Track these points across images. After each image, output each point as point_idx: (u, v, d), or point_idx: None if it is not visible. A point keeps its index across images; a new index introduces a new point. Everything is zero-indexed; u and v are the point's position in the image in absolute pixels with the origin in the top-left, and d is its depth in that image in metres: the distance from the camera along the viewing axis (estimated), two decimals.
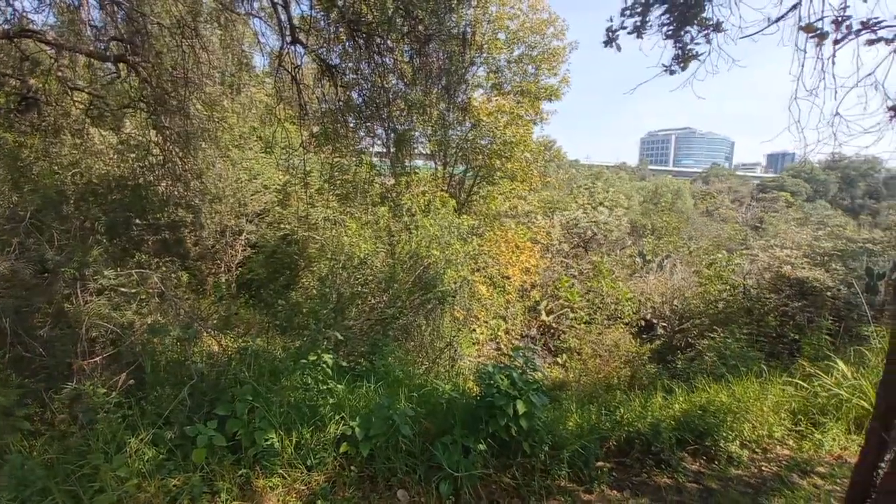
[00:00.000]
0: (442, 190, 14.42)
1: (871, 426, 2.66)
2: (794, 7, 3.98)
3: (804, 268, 9.08)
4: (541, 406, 3.45)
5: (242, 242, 11.42)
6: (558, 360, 12.54)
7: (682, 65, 4.49)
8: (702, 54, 4.38)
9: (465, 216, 12.06)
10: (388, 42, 6.76)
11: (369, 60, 7.09)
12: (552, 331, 14.14)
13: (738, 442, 3.67)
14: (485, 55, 15.72)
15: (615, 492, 3.25)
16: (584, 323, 12.37)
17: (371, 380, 4.39)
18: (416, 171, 15.08)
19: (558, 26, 15.37)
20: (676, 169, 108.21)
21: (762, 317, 8.36)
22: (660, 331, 11.71)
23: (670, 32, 4.31)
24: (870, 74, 3.87)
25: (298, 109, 6.16)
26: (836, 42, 3.82)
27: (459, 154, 16.13)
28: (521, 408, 3.28)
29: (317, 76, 6.86)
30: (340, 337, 4.84)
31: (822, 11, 3.80)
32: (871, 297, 7.94)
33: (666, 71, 4.56)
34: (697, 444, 3.69)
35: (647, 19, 4.28)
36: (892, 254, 9.88)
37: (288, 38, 5.46)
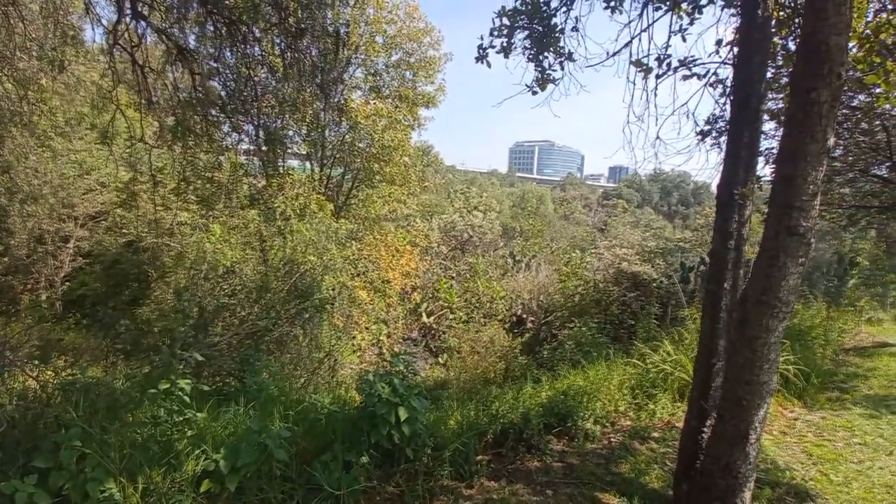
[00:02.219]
0: (318, 193, 13.79)
1: (690, 396, 3.27)
2: (627, 45, 4.69)
3: (636, 263, 10.80)
4: (422, 410, 3.50)
5: (71, 251, 9.42)
6: (439, 359, 12.91)
7: (541, 86, 4.99)
8: (558, 79, 4.92)
9: (343, 220, 11.72)
10: (256, 32, 6.24)
11: (233, 49, 6.46)
12: (433, 332, 14.52)
13: (592, 419, 4.19)
14: (362, 57, 15.53)
15: (493, 482, 3.45)
16: (463, 322, 12.95)
17: (241, 401, 3.98)
18: (291, 172, 14.19)
19: (434, 36, 15.89)
20: (540, 177, 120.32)
21: (608, 307, 9.71)
22: (529, 325, 12.83)
23: (531, 56, 4.75)
24: (684, 105, 4.73)
25: (140, 95, 5.30)
26: (658, 77, 4.62)
27: (337, 156, 15.65)
28: (402, 414, 3.29)
29: (168, 59, 6.01)
30: (200, 357, 4.28)
31: (649, 49, 4.55)
32: (685, 287, 9.81)
33: (529, 90, 5.02)
34: (561, 426, 4.12)
35: (513, 42, 4.66)
36: (699, 250, 12.33)
37: (127, 11, 4.68)
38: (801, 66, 2.51)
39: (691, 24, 4.50)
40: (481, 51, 4.68)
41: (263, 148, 12.83)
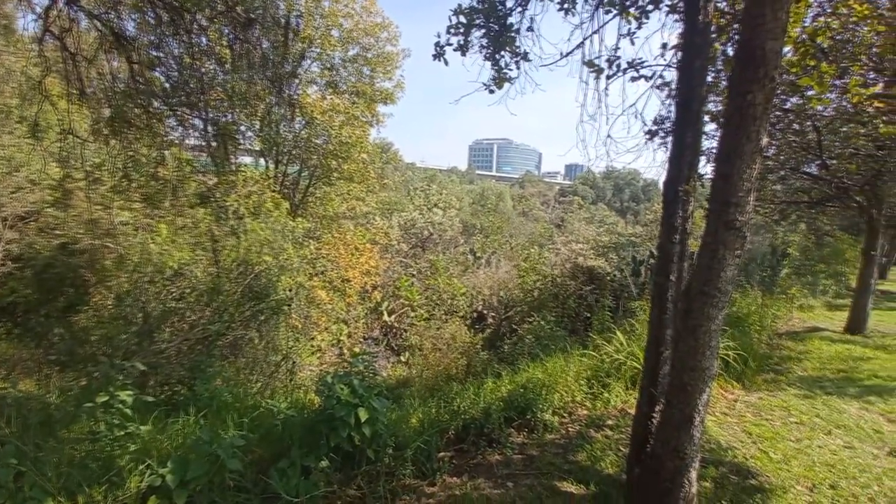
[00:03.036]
0: (274, 190, 13.34)
1: (641, 384, 3.41)
2: (579, 46, 4.82)
3: (591, 258, 11.20)
4: (383, 410, 3.46)
5: None
6: (402, 358, 12.85)
7: (497, 84, 5.04)
8: (514, 78, 5.00)
9: (300, 219, 11.37)
10: (201, 20, 5.92)
11: (177, 38, 6.11)
12: (394, 330, 14.42)
13: (550, 411, 4.30)
14: (318, 51, 15.14)
15: (455, 478, 3.47)
16: (424, 320, 12.94)
17: (191, 411, 3.79)
18: (244, 169, 13.64)
19: (392, 31, 15.72)
20: (499, 174, 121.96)
21: (565, 300, 10.00)
22: (490, 320, 13.01)
23: (488, 54, 4.79)
24: (633, 105, 4.92)
25: (69, 85, 4.91)
26: (608, 77, 4.78)
27: (293, 153, 15.20)
28: (362, 415, 3.24)
29: (102, 46, 5.59)
30: (142, 367, 4.03)
31: (600, 51, 4.69)
32: (636, 279, 10.25)
33: (486, 88, 5.07)
34: (521, 419, 4.20)
35: (470, 40, 4.68)
36: (649, 245, 12.92)
37: None
38: (738, 70, 2.66)
39: (639, 27, 4.68)
40: (438, 48, 4.67)
41: (213, 143, 12.26)
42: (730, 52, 4.88)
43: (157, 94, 8.48)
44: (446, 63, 4.87)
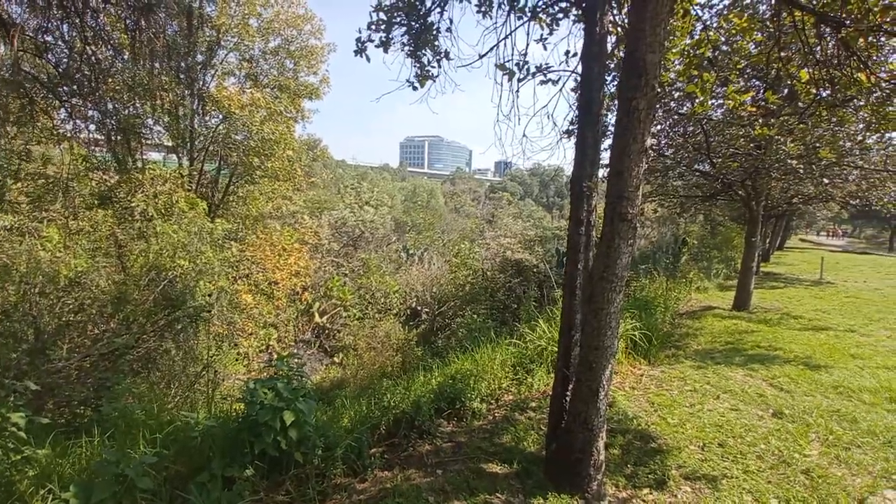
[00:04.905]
0: (188, 189, 12.43)
1: (556, 366, 3.68)
2: (493, 48, 5.02)
3: (519, 251, 11.72)
4: (310, 412, 3.42)
5: None
6: (335, 359, 12.60)
7: (420, 82, 5.13)
8: (436, 76, 5.11)
9: (219, 220, 10.71)
10: (92, 2, 5.39)
11: (68, 21, 5.50)
12: (327, 331, 14.08)
13: (478, 399, 4.50)
14: (235, 40, 14.29)
15: (386, 472, 3.52)
16: (358, 319, 12.79)
17: (96, 432, 3.48)
18: (152, 166, 12.55)
19: (315, 24, 15.22)
20: (430, 171, 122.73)
21: (494, 293, 10.39)
22: (424, 316, 13.14)
23: (410, 52, 4.86)
24: (545, 107, 5.22)
25: None
26: (519, 80, 5.04)
27: (210, 149, 14.24)
28: (288, 418, 3.18)
29: None
30: (34, 386, 3.64)
31: (512, 55, 4.93)
32: (559, 270, 10.91)
33: (410, 85, 5.13)
34: (451, 408, 4.35)
35: (391, 37, 4.71)
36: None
37: None
38: (625, 79, 2.96)
39: (550, 34, 4.99)
40: (359, 44, 4.64)
41: (115, 138, 11.14)
42: None
43: (43, 83, 7.56)
44: (368, 59, 4.87)
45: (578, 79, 4.37)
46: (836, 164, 8.18)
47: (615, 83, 6.46)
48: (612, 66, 5.89)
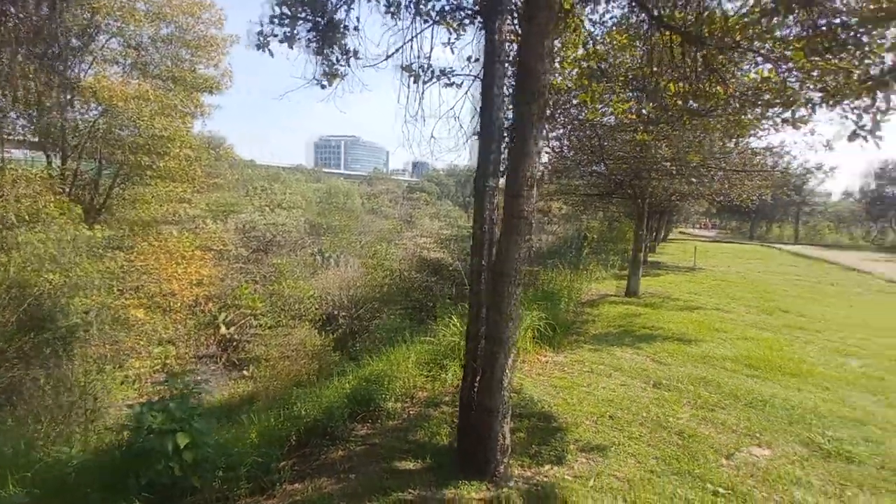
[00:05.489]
0: (59, 192, 10.83)
1: (465, 358, 3.81)
2: (399, 49, 5.05)
3: (435, 251, 11.92)
4: (208, 431, 3.18)
5: None
6: (246, 372, 11.80)
7: (328, 80, 5.00)
8: (345, 74, 5.01)
9: (98, 226, 9.50)
10: None
11: None
12: (236, 343, 13.14)
13: (393, 398, 4.51)
14: (118, 24, 12.73)
15: (297, 484, 3.39)
16: (270, 328, 12.10)
17: None
18: (13, 166, 10.77)
19: (214, 13, 14.10)
20: (347, 172, 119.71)
21: (409, 293, 10.46)
22: (341, 320, 12.81)
23: (316, 49, 4.71)
24: (451, 108, 5.36)
25: None
26: (425, 82, 5.13)
27: (87, 146, 12.56)
28: (181, 441, 2.93)
29: None
30: None
31: (418, 57, 4.99)
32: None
33: (318, 84, 4.98)
34: (365, 411, 4.30)
35: (297, 32, 4.52)
36: None
37: None
38: (518, 85, 3.16)
39: (457, 38, 5.14)
40: (262, 38, 4.40)
41: None
42: None
43: None
44: (271, 54, 4.63)
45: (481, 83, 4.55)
46: (702, 166, 9.44)
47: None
48: (511, 72, 6.22)
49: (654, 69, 5.88)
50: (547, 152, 11.26)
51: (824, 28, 3.17)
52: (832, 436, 3.83)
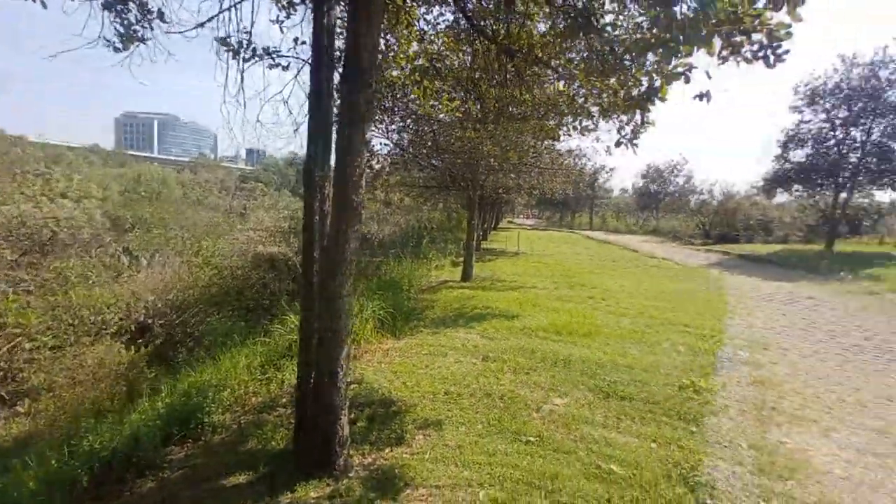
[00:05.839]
0: None
1: (299, 355, 3.65)
2: (212, 19, 4.51)
3: (273, 245, 11.07)
4: None
5: None
6: (20, 408, 9.22)
7: (124, 43, 4.17)
8: (147, 39, 4.24)
9: None
10: None
11: None
12: (2, 373, 10.14)
13: (220, 410, 4.08)
14: None
15: None
16: (53, 349, 9.66)
17: None
18: None
19: None
20: (162, 157, 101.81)
21: (242, 292, 9.55)
22: (158, 329, 10.95)
23: (107, 3, 3.88)
24: (280, 92, 4.99)
25: None
26: (245, 60, 4.68)
27: None
28: None
29: None
30: None
31: (238, 30, 4.52)
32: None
33: (110, 46, 4.11)
34: (185, 430, 3.79)
35: None
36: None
37: None
38: (346, 76, 3.12)
39: (287, 17, 4.79)
40: None
41: None
42: None
43: None
44: (44, 5, 3.68)
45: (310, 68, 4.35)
46: (521, 163, 10.76)
47: None
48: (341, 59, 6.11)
49: (477, 74, 6.45)
50: (386, 145, 11.42)
51: (597, 54, 3.89)
52: (611, 380, 4.82)
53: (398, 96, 8.98)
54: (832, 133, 17.48)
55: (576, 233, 37.26)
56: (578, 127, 6.18)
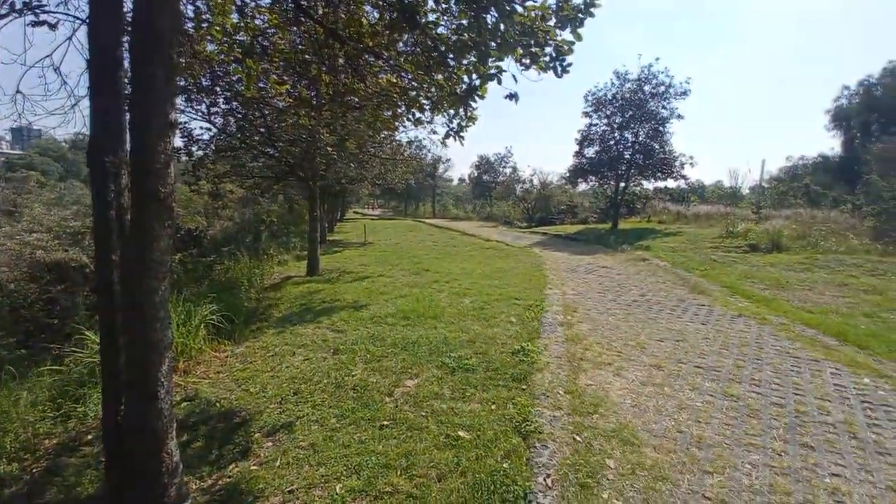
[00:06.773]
0: None
1: (103, 379, 3.05)
2: None
3: (58, 250, 8.84)
4: None
5: None
6: None
7: None
8: None
9: None
10: None
11: None
12: None
13: (3, 461, 3.16)
14: None
15: None
16: None
17: None
18: None
19: None
20: None
21: (25, 310, 7.48)
22: None
23: None
24: (48, 56, 3.97)
25: None
26: (1, 16, 3.61)
27: None
28: None
29: None
30: None
31: None
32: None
33: None
34: None
35: None
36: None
37: None
38: (136, 43, 2.65)
39: None
40: None
41: None
42: None
43: None
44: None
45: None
46: (360, 152, 10.67)
47: None
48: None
49: (307, 57, 6.13)
50: (209, 129, 10.14)
51: (424, 49, 4.08)
52: (457, 356, 5.21)
53: (220, 74, 8.01)
54: (612, 135, 21.73)
55: (420, 221, 38.80)
56: (412, 119, 6.42)
